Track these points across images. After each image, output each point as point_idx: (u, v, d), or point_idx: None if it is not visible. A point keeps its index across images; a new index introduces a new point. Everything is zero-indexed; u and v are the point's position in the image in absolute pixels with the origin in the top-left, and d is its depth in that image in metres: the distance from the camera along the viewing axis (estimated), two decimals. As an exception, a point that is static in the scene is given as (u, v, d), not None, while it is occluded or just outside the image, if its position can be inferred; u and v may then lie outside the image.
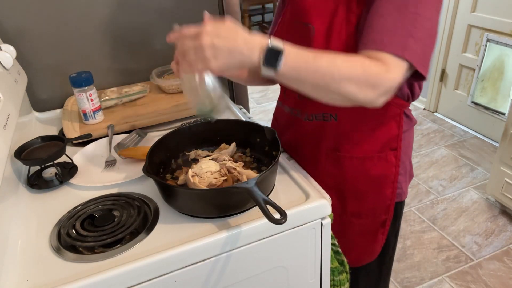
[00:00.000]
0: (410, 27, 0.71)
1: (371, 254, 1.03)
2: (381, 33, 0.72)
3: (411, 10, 0.72)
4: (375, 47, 0.72)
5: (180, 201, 0.76)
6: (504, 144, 1.98)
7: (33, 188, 0.88)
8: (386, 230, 0.98)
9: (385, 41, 0.71)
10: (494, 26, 2.61)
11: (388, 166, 0.91)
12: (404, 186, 0.98)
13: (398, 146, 0.90)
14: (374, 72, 0.69)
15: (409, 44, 0.71)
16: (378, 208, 0.95)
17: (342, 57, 0.69)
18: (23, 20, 1.18)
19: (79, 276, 0.64)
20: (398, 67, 0.71)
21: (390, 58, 0.70)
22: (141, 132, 1.07)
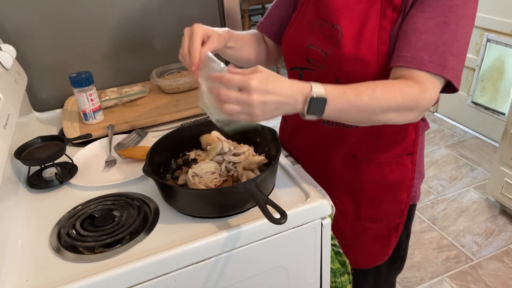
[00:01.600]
0: (449, 45, 0.71)
1: (383, 257, 1.02)
2: (421, 50, 0.72)
3: (452, 27, 0.71)
4: (415, 66, 0.72)
5: (180, 201, 0.76)
6: (504, 144, 1.98)
7: (33, 188, 0.88)
8: (399, 233, 0.98)
9: (425, 60, 0.71)
10: (494, 26, 2.61)
11: (405, 171, 0.91)
12: (418, 188, 0.97)
13: (415, 151, 0.90)
14: (413, 97, 0.70)
15: (448, 62, 0.71)
16: (392, 212, 0.95)
17: (381, 88, 0.70)
18: (23, 20, 1.18)
19: (79, 276, 0.64)
20: (435, 86, 0.72)
21: (428, 77, 0.71)
22: (141, 132, 1.07)
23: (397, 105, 0.70)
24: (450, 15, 0.71)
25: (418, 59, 0.72)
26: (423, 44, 0.72)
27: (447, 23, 0.71)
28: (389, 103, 0.69)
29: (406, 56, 0.73)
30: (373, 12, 0.78)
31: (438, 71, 0.71)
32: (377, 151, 0.89)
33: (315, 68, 0.87)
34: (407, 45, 0.73)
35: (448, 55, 0.71)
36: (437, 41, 0.71)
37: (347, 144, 0.90)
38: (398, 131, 0.87)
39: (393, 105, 0.70)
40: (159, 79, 1.28)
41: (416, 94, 0.70)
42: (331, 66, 0.83)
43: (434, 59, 0.71)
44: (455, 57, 0.72)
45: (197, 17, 1.38)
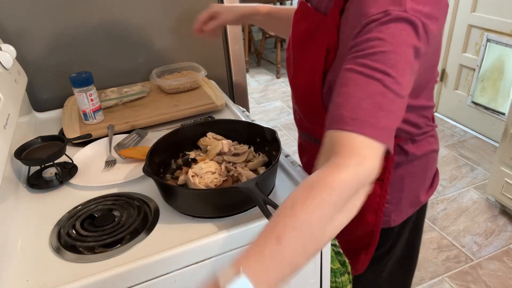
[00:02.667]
0: (378, 106, 0.57)
1: (354, 269, 0.98)
2: (349, 110, 0.57)
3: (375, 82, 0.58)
4: (345, 127, 0.56)
5: (180, 201, 0.76)
6: (504, 144, 1.98)
7: (33, 188, 0.88)
8: (370, 253, 0.94)
9: (357, 121, 0.56)
10: (494, 26, 2.61)
11: (371, 196, 0.85)
12: (395, 215, 0.91)
13: (386, 178, 0.84)
14: (349, 182, 0.52)
15: (380, 123, 0.57)
16: (360, 231, 0.92)
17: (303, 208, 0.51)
18: (23, 20, 1.18)
19: (79, 276, 0.64)
20: (373, 152, 0.56)
21: (360, 140, 0.55)
22: (141, 132, 1.07)
23: (333, 207, 0.51)
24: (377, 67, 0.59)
25: (345, 118, 0.57)
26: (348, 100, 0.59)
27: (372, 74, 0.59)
28: (323, 218, 0.51)
29: (337, 118, 0.58)
30: (314, 44, 0.78)
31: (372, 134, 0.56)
32: None
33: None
34: (338, 107, 0.59)
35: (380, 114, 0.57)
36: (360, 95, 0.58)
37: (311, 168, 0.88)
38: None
39: (329, 211, 0.51)
40: (159, 79, 1.28)
41: (352, 177, 0.53)
42: (293, 88, 0.89)
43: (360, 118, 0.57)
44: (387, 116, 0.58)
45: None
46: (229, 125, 0.96)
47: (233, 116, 1.17)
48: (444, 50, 3.00)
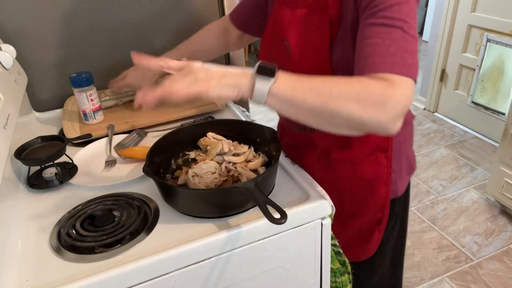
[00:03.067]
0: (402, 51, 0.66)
1: (366, 252, 1.04)
2: (378, 56, 0.66)
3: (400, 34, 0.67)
4: (381, 71, 0.65)
5: (180, 201, 0.76)
6: (504, 144, 1.98)
7: (33, 188, 0.88)
8: (383, 228, 0.99)
9: (387, 63, 0.65)
10: (494, 26, 2.61)
11: (380, 168, 0.92)
12: (400, 182, 0.98)
13: (389, 147, 0.90)
14: (377, 89, 0.62)
15: (407, 61, 0.66)
16: (373, 207, 0.96)
17: (337, 77, 0.65)
18: (23, 20, 1.18)
19: (79, 276, 0.64)
20: (407, 84, 0.64)
21: (393, 76, 0.64)
22: (141, 132, 1.07)
23: (357, 93, 0.61)
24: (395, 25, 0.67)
25: (379, 63, 0.66)
26: (377, 49, 0.67)
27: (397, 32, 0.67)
28: (348, 89, 0.62)
29: (365, 65, 0.67)
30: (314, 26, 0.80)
31: (404, 71, 0.65)
32: (349, 150, 0.91)
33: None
34: (363, 55, 0.68)
35: (405, 55, 0.66)
36: (392, 45, 0.67)
37: (320, 148, 0.93)
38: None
39: (353, 91, 0.62)
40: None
41: (382, 87, 0.62)
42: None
43: (396, 60, 0.66)
44: (412, 56, 0.67)
45: (197, 17, 1.38)
46: (229, 125, 0.96)
47: (233, 116, 1.17)
48: (444, 50, 3.00)
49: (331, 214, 0.80)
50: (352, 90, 0.62)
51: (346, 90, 0.62)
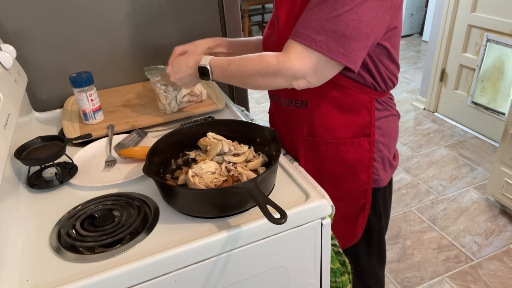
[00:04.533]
0: (324, 21, 0.77)
1: (353, 238, 1.06)
2: (299, 24, 0.80)
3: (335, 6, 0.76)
4: (291, 37, 0.81)
5: (180, 201, 0.76)
6: (504, 144, 1.98)
7: (33, 188, 0.88)
8: (366, 214, 1.02)
9: (298, 32, 0.79)
10: (494, 26, 2.61)
11: (362, 152, 0.95)
12: (382, 173, 1.00)
13: (372, 132, 0.93)
14: (271, 64, 0.81)
15: (319, 35, 0.77)
16: (355, 192, 0.99)
17: (247, 59, 0.85)
18: (23, 20, 1.18)
19: (79, 276, 0.64)
20: (302, 57, 0.78)
21: (297, 48, 0.79)
22: (141, 132, 1.07)
23: (257, 71, 0.83)
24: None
25: (295, 31, 0.81)
26: (304, 19, 0.80)
27: (333, 4, 0.76)
28: (252, 70, 0.83)
29: (295, 30, 0.81)
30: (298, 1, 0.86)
31: (307, 43, 0.78)
32: (331, 132, 0.94)
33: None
34: (299, 21, 0.82)
35: (320, 29, 0.77)
36: (314, 16, 0.78)
37: (303, 124, 0.97)
38: (350, 113, 0.92)
39: (255, 71, 0.83)
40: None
41: (275, 62, 0.80)
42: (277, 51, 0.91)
43: (305, 32, 0.78)
44: (327, 32, 0.77)
45: (197, 17, 1.38)
46: (229, 125, 0.96)
47: (233, 116, 1.17)
48: (444, 50, 3.00)
49: (331, 214, 0.80)
50: (254, 70, 0.83)
51: (251, 71, 0.84)
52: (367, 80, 0.89)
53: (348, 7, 0.75)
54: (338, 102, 0.91)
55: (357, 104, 0.91)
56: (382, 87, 0.91)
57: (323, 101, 0.92)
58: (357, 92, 0.89)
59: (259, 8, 5.12)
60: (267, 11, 5.17)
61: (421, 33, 4.96)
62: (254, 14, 5.10)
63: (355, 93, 0.89)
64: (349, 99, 0.90)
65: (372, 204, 1.01)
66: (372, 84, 0.89)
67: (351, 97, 0.90)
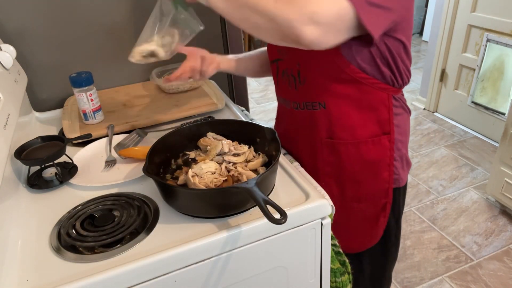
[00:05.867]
0: None
1: (373, 239, 1.04)
2: None
3: None
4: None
5: (180, 201, 0.76)
6: (504, 144, 1.98)
7: (33, 188, 0.88)
8: (387, 214, 1.00)
9: None
10: (494, 26, 2.61)
11: (383, 150, 0.93)
12: (402, 172, 0.99)
13: (391, 130, 0.92)
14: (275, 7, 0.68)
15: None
16: (377, 192, 0.97)
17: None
18: (23, 20, 1.18)
19: (79, 276, 0.64)
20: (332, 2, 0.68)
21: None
22: (141, 132, 1.07)
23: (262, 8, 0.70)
24: None
25: None
26: None
27: None
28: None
29: None
30: None
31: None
32: (351, 132, 0.92)
33: (284, 57, 0.93)
34: None
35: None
36: None
37: (322, 127, 0.94)
38: (368, 111, 0.90)
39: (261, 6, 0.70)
40: (159, 79, 1.28)
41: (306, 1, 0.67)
42: (291, 52, 0.88)
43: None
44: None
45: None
46: (229, 125, 0.96)
47: (233, 116, 1.17)
48: (444, 50, 3.00)
49: (331, 214, 0.80)
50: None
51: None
52: (386, 76, 0.87)
53: None
54: (356, 100, 0.89)
55: (376, 102, 0.89)
56: (400, 83, 0.90)
57: (342, 101, 0.89)
58: (375, 89, 0.88)
59: (259, 8, 5.11)
60: (267, 11, 5.15)
61: (421, 33, 4.96)
62: (254, 14, 5.09)
63: (373, 90, 0.87)
64: (368, 96, 0.88)
65: (392, 204, 0.99)
66: (391, 79, 0.88)
67: (370, 94, 0.88)
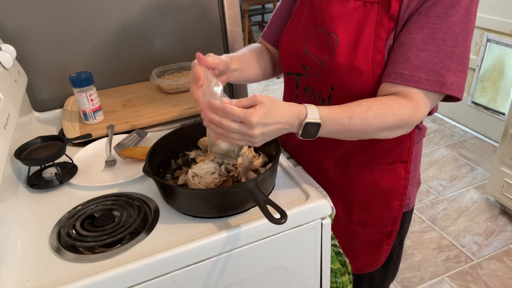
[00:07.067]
0: (448, 62, 0.72)
1: (374, 264, 1.02)
2: (419, 69, 0.72)
3: (449, 44, 0.71)
4: (413, 85, 0.73)
5: (180, 201, 0.76)
6: (504, 144, 1.98)
7: (33, 188, 0.88)
8: (392, 241, 0.97)
9: (422, 79, 0.72)
10: (494, 26, 2.61)
11: (398, 179, 0.90)
12: (412, 196, 0.97)
13: (409, 159, 0.89)
14: (405, 117, 0.73)
15: (447, 78, 0.72)
16: (384, 219, 0.94)
17: (374, 110, 0.72)
18: (23, 20, 1.18)
19: (79, 276, 0.64)
20: (429, 103, 0.74)
21: (423, 95, 0.73)
22: (141, 132, 1.07)
23: (388, 125, 0.73)
24: (448, 32, 0.71)
25: (415, 77, 0.72)
26: (421, 62, 0.72)
27: (445, 40, 0.71)
28: (381, 125, 0.73)
29: (404, 73, 0.73)
30: (369, 21, 0.77)
31: (437, 89, 0.72)
32: (370, 157, 0.89)
33: (311, 75, 0.87)
34: (405, 61, 0.73)
35: (446, 72, 0.72)
36: (435, 58, 0.72)
37: (340, 148, 0.90)
38: (392, 140, 0.86)
39: (385, 126, 0.73)
40: (159, 79, 1.28)
41: (409, 113, 0.73)
42: (326, 74, 0.83)
43: (431, 77, 0.72)
44: (454, 72, 0.72)
45: (197, 18, 1.38)
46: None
47: (233, 116, 1.17)
48: (444, 50, 3.00)
49: (331, 214, 0.80)
50: (385, 125, 0.73)
51: (381, 127, 0.73)
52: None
53: (460, 38, 0.72)
54: None
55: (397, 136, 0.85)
56: (430, 113, 0.86)
57: None
58: None
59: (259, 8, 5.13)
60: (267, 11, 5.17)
61: (421, 33, 4.95)
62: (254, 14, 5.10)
63: None
64: None
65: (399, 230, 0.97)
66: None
67: None
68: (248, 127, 0.66)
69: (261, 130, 0.66)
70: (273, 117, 0.67)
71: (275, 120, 0.67)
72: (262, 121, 0.65)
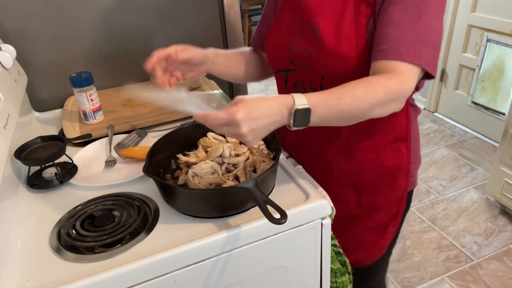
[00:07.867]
0: (423, 35, 0.74)
1: (380, 249, 1.03)
2: (397, 42, 0.74)
3: (423, 18, 0.74)
4: (393, 57, 0.74)
5: (180, 201, 0.76)
6: (504, 144, 1.98)
7: (33, 188, 0.88)
8: (397, 223, 0.99)
9: (402, 51, 0.74)
10: (494, 26, 2.61)
11: (401, 157, 0.92)
12: (415, 173, 0.98)
13: (408, 136, 0.91)
14: (394, 89, 0.73)
15: (423, 51, 0.74)
16: (391, 199, 0.96)
17: (361, 87, 0.71)
18: (23, 20, 1.18)
19: (79, 276, 0.64)
20: (413, 75, 0.75)
21: (405, 67, 0.74)
22: (141, 132, 1.07)
23: (379, 100, 0.72)
24: (421, 7, 0.74)
25: (394, 50, 0.74)
26: (398, 35, 0.74)
27: (419, 14, 0.74)
28: (371, 100, 0.71)
29: (383, 49, 0.75)
30: (348, 10, 0.80)
31: (415, 61, 0.74)
32: (371, 139, 0.91)
33: (300, 69, 0.89)
34: (384, 37, 0.75)
35: (422, 45, 0.74)
36: (412, 31, 0.74)
37: (340, 136, 0.91)
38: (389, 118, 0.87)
39: (376, 101, 0.72)
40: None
41: (397, 86, 0.73)
42: (315, 65, 0.85)
43: (410, 50, 0.74)
44: (428, 46, 0.75)
45: (197, 18, 1.38)
46: (229, 125, 0.95)
47: (233, 116, 1.17)
48: (444, 50, 3.00)
49: (331, 214, 0.80)
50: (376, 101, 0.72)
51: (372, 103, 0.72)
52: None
53: (433, 10, 0.74)
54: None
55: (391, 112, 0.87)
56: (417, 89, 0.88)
57: None
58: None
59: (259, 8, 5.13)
60: (267, 11, 5.16)
61: (421, 33, 4.95)
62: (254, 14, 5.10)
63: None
64: None
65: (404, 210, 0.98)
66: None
67: None
68: (235, 126, 0.64)
69: (249, 127, 0.65)
70: (258, 110, 0.66)
71: (262, 113, 0.66)
72: (247, 116, 0.64)
